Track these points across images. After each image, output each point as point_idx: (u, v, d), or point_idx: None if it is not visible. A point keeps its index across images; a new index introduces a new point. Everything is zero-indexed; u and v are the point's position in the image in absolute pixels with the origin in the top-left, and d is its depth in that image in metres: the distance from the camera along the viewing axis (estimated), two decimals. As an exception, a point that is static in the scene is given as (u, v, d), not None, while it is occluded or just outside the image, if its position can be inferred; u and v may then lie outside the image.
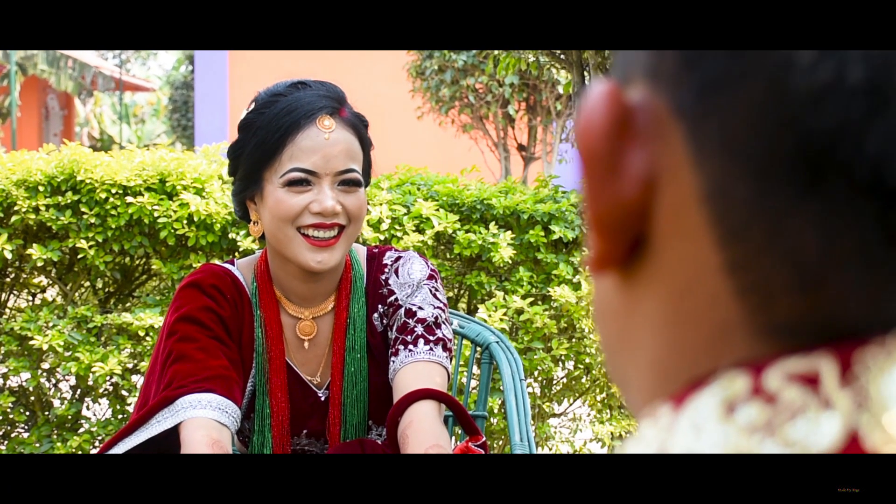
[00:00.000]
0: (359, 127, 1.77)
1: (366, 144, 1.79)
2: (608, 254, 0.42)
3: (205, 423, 1.63)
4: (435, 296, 1.81)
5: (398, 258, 1.85)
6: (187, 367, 1.68)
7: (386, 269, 1.84)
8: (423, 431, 1.62)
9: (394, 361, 1.76)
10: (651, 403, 0.42)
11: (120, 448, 1.69)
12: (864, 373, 0.36)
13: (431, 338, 1.76)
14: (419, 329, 1.76)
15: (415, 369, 1.72)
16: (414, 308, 1.78)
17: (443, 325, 1.78)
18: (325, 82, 1.79)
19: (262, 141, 1.72)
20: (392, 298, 1.81)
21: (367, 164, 1.80)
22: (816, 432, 0.35)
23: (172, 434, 1.66)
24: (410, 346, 1.75)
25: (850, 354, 0.36)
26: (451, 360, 1.79)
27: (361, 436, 1.82)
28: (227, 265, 1.84)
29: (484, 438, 1.78)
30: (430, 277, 1.82)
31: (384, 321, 1.83)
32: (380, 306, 1.83)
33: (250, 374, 1.80)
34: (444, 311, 1.81)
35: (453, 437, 2.13)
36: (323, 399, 1.83)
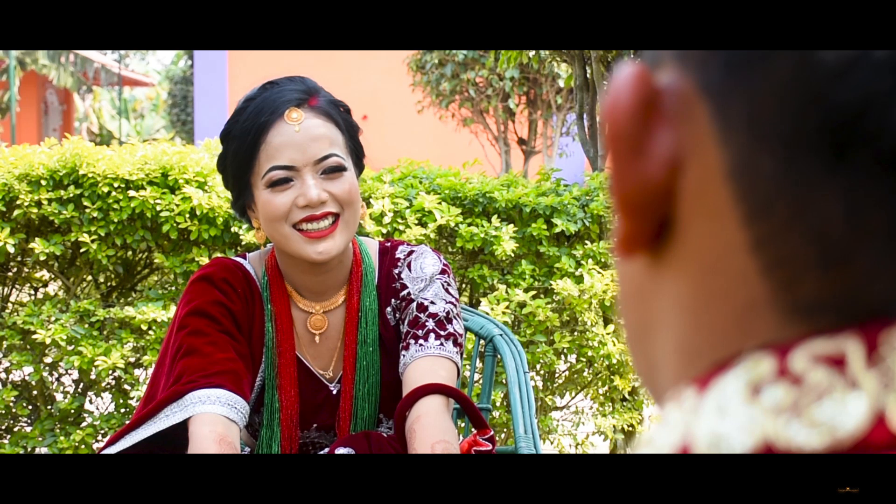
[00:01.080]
0: (333, 113, 1.74)
1: (346, 129, 1.76)
2: (635, 235, 0.42)
3: (213, 418, 1.62)
4: (447, 290, 1.81)
5: (411, 252, 1.84)
6: (197, 362, 1.68)
7: (399, 264, 1.84)
8: (430, 426, 1.62)
9: (404, 356, 1.76)
10: (677, 387, 0.42)
11: (127, 441, 1.69)
12: (890, 353, 0.36)
13: (442, 333, 1.75)
14: (430, 324, 1.76)
15: (424, 364, 1.72)
16: (426, 302, 1.78)
17: (454, 321, 1.78)
18: (297, 77, 1.77)
19: (238, 148, 1.72)
20: (405, 292, 1.81)
21: (354, 148, 1.78)
22: (843, 413, 0.35)
23: (180, 429, 1.66)
24: (421, 341, 1.75)
25: (876, 335, 0.36)
26: (461, 355, 1.79)
27: (372, 429, 1.81)
28: (238, 259, 1.83)
29: (492, 432, 1.79)
30: (443, 272, 1.82)
31: (397, 315, 1.82)
32: (392, 300, 1.82)
33: (260, 369, 1.79)
34: (455, 306, 1.81)
35: (461, 433, 2.13)
36: (335, 393, 1.83)
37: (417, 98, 10.53)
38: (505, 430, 3.35)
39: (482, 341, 2.28)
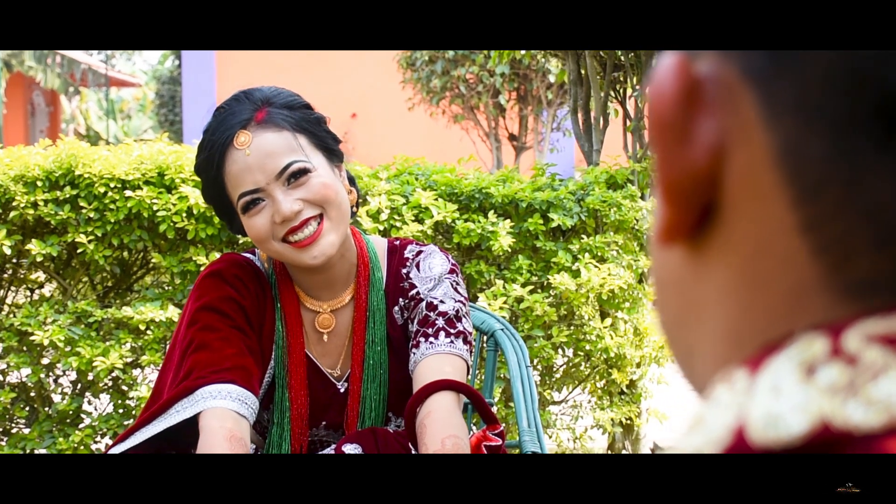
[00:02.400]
0: (283, 119, 1.71)
1: (305, 127, 1.73)
2: (678, 223, 0.43)
3: (223, 413, 1.63)
4: (456, 290, 1.82)
5: (419, 252, 1.85)
6: (208, 357, 1.68)
7: (407, 263, 1.84)
8: (440, 422, 1.63)
9: (414, 353, 1.76)
10: (721, 372, 0.42)
11: (138, 438, 1.69)
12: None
13: (452, 331, 1.76)
14: (440, 322, 1.76)
15: (435, 361, 1.73)
16: (435, 301, 1.79)
17: (463, 319, 1.79)
18: (243, 94, 1.74)
19: (206, 186, 1.74)
20: (413, 292, 1.81)
21: (321, 142, 1.74)
22: (900, 391, 0.36)
23: (190, 424, 1.66)
24: (431, 339, 1.75)
25: None
26: (471, 353, 1.79)
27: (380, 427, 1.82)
28: (248, 255, 1.84)
29: (501, 427, 1.79)
30: (451, 272, 1.83)
31: (405, 314, 1.83)
32: (401, 299, 1.83)
33: (269, 365, 1.80)
34: (464, 304, 1.81)
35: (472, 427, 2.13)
36: (342, 391, 1.83)
37: (408, 95, 10.53)
38: (504, 424, 3.36)
39: (483, 336, 2.28)
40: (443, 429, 1.61)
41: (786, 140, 0.38)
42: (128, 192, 3.14)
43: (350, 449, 1.70)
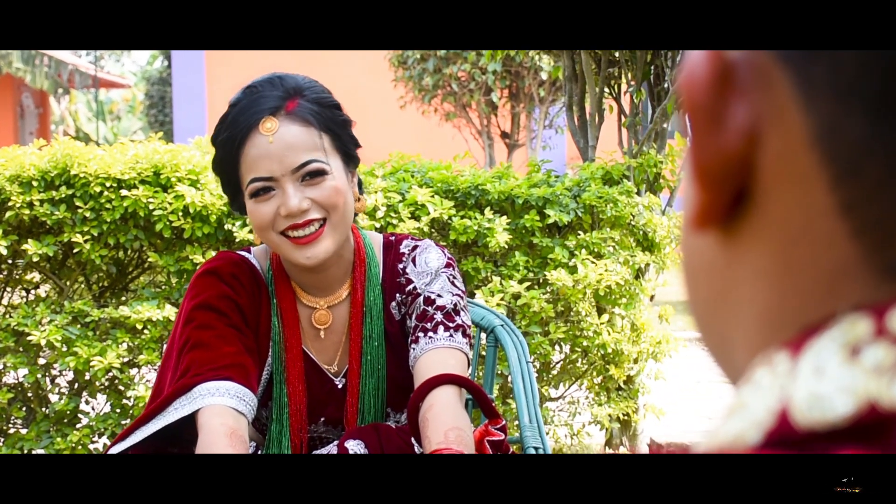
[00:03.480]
0: (313, 114, 1.71)
1: (330, 128, 1.73)
2: (711, 208, 0.43)
3: (222, 410, 1.62)
4: (453, 283, 1.81)
5: (415, 247, 1.85)
6: (205, 355, 1.67)
7: (403, 258, 1.84)
8: (443, 415, 1.63)
9: (414, 349, 1.76)
10: (759, 356, 0.42)
11: (137, 436, 1.69)
12: None
13: (451, 324, 1.76)
14: (438, 316, 1.76)
15: (435, 356, 1.73)
16: (433, 296, 1.79)
17: (461, 312, 1.79)
18: (278, 78, 1.74)
19: (222, 157, 1.72)
20: (410, 287, 1.81)
21: (342, 145, 1.74)
22: (947, 371, 0.35)
23: (189, 423, 1.65)
24: (430, 333, 1.75)
25: None
26: (470, 346, 1.79)
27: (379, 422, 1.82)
28: (243, 253, 1.83)
29: (504, 422, 1.79)
30: (448, 265, 1.83)
31: (402, 310, 1.83)
32: (397, 295, 1.83)
33: (266, 363, 1.79)
34: (462, 298, 1.81)
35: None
36: (340, 387, 1.83)
37: (400, 93, 10.52)
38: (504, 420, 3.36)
39: (483, 332, 2.28)
40: (446, 421, 1.61)
41: (823, 121, 0.38)
42: (123, 192, 3.13)
43: (353, 445, 1.70)
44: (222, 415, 1.62)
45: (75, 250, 3.18)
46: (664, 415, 3.75)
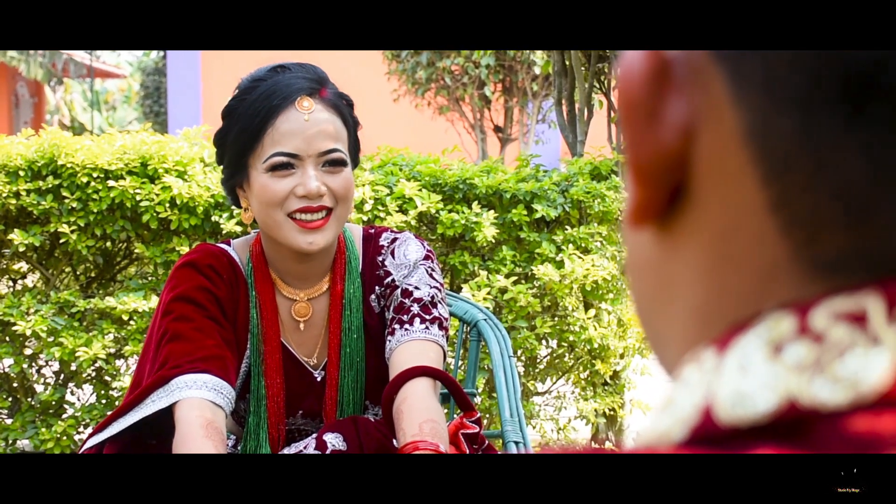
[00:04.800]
0: (341, 107, 1.76)
1: (350, 124, 1.78)
2: (648, 204, 0.43)
3: (200, 403, 1.62)
4: (431, 276, 1.81)
5: (395, 239, 1.85)
6: (183, 347, 1.67)
7: (382, 251, 1.84)
8: (417, 407, 1.63)
9: (390, 340, 1.76)
10: (691, 351, 0.42)
11: (114, 428, 1.68)
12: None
13: (427, 317, 1.76)
14: (415, 308, 1.76)
15: (410, 348, 1.73)
16: (410, 288, 1.79)
17: (439, 305, 1.79)
18: (306, 64, 1.78)
19: (243, 127, 1.71)
20: (389, 279, 1.82)
21: (353, 144, 1.79)
22: (866, 368, 0.36)
23: (167, 415, 1.65)
24: (406, 326, 1.75)
25: None
26: (447, 338, 1.79)
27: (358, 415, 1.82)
28: (223, 245, 1.83)
29: (479, 415, 1.79)
30: (427, 258, 1.83)
31: (381, 302, 1.83)
32: (377, 287, 1.83)
33: (245, 355, 1.79)
34: (440, 290, 1.81)
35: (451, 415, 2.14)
36: (319, 380, 1.83)
37: (393, 87, 10.51)
38: (488, 414, 3.37)
39: (466, 326, 2.29)
40: (420, 414, 1.61)
41: (754, 118, 0.38)
42: (111, 183, 3.13)
43: (331, 438, 1.70)
44: (199, 407, 1.62)
45: (62, 240, 3.17)
46: (650, 410, 3.76)
